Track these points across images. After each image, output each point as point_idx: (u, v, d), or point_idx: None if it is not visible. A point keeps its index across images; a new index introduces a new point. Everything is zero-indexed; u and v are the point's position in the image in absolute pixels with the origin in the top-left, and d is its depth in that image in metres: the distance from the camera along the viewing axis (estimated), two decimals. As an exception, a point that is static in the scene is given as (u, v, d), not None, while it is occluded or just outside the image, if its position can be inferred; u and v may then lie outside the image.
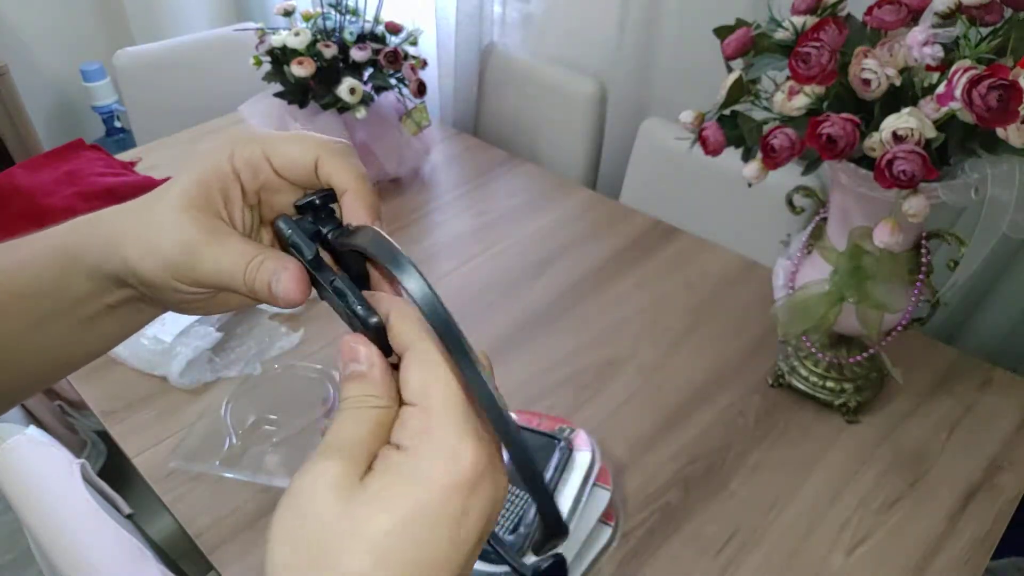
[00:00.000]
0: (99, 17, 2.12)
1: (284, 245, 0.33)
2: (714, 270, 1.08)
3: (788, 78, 0.65)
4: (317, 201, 0.33)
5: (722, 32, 0.71)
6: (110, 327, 0.36)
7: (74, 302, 0.34)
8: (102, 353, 0.38)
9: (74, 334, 0.35)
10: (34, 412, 1.03)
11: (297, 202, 0.33)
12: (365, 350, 0.28)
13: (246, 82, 1.29)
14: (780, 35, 0.68)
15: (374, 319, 0.29)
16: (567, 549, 0.67)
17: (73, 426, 1.09)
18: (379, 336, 0.29)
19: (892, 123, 0.59)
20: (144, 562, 0.64)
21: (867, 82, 0.61)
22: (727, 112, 0.72)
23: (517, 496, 0.70)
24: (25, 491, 0.66)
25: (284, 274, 0.31)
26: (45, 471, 0.69)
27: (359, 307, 0.30)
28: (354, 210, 0.32)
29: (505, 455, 0.29)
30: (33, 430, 0.71)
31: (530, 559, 0.39)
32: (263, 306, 0.99)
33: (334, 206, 0.33)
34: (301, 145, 0.33)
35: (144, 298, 0.35)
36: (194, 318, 0.92)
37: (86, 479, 0.71)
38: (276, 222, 0.34)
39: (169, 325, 0.92)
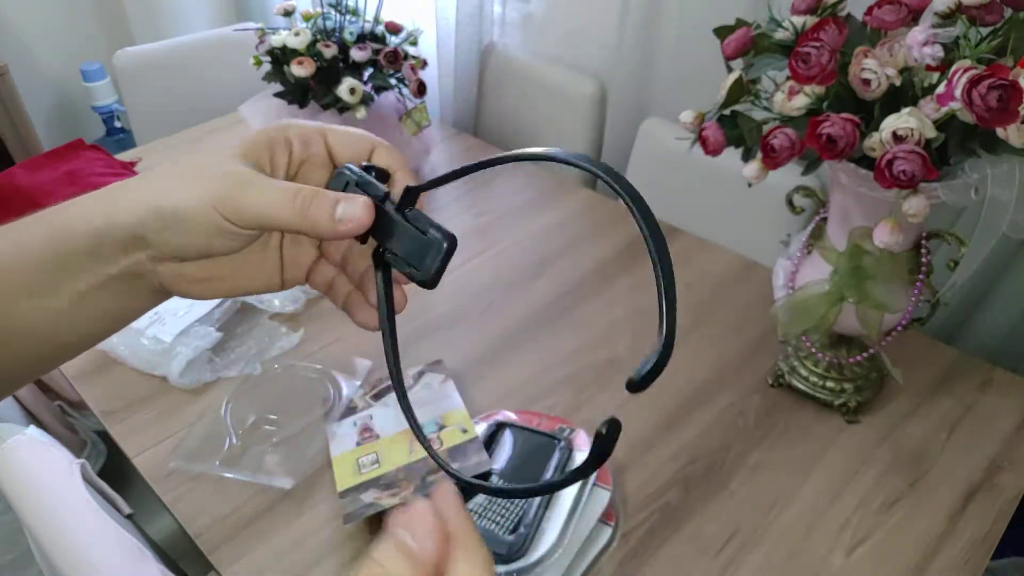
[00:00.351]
0: (99, 17, 2.13)
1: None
2: (714, 270, 1.08)
3: (788, 78, 0.65)
4: (374, 172, 0.36)
5: (722, 32, 0.72)
6: (103, 306, 0.35)
7: (67, 272, 0.33)
8: (94, 341, 0.37)
9: (65, 313, 0.34)
10: (34, 412, 1.03)
11: (362, 164, 0.36)
12: (423, 524, 0.28)
13: (246, 82, 1.29)
14: (780, 35, 0.68)
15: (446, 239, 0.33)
16: (566, 550, 0.67)
17: (73, 426, 1.09)
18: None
19: (892, 123, 0.59)
20: (144, 562, 0.64)
21: (867, 82, 0.61)
22: (727, 112, 0.72)
23: (517, 496, 0.70)
24: (25, 491, 0.66)
25: (356, 201, 0.33)
26: (45, 471, 0.69)
27: (431, 228, 0.34)
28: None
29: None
30: (33, 430, 0.71)
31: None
32: (263, 306, 0.99)
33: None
34: (360, 134, 0.37)
35: (148, 270, 0.34)
36: (194, 318, 0.92)
37: (86, 479, 0.71)
38: (339, 169, 0.36)
39: (169, 325, 0.92)
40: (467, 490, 0.40)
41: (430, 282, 0.34)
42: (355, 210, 0.33)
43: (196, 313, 0.93)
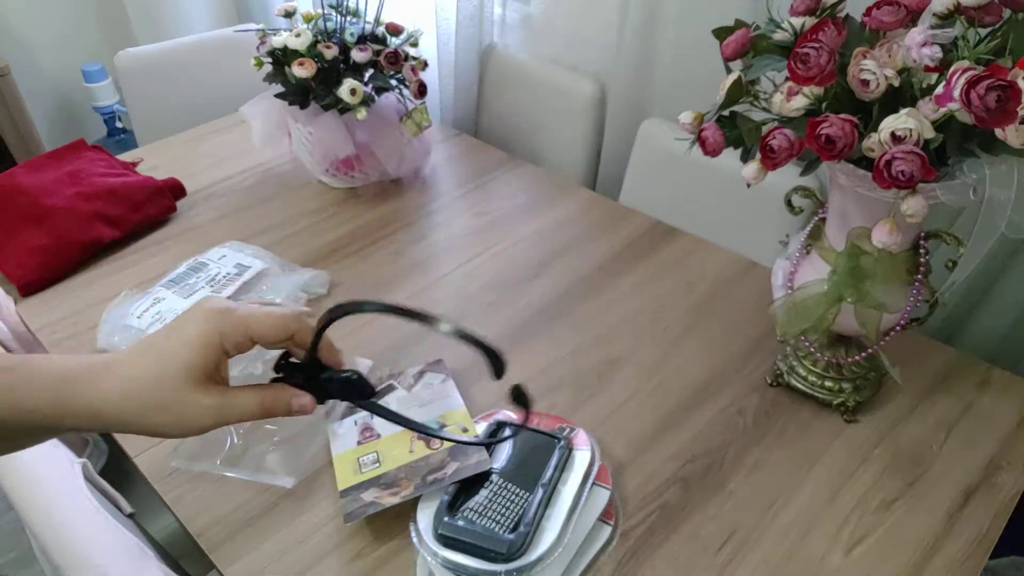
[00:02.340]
0: (100, 18, 2.13)
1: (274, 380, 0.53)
2: (713, 270, 1.08)
3: (787, 79, 0.65)
4: (289, 359, 0.54)
5: (721, 33, 0.72)
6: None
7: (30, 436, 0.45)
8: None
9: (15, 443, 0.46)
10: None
11: (281, 359, 0.53)
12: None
13: (247, 83, 1.30)
14: (779, 36, 0.68)
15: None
16: (567, 548, 0.67)
17: (74, 426, 1.09)
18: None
19: (891, 124, 0.59)
20: (144, 560, 0.64)
21: (866, 83, 0.62)
22: (726, 113, 0.72)
23: (517, 495, 0.70)
24: (27, 490, 0.66)
25: (304, 397, 0.51)
26: (46, 470, 0.69)
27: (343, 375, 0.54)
28: (331, 353, 0.53)
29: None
30: None
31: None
32: None
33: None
34: (281, 323, 0.49)
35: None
36: None
37: (87, 478, 0.71)
38: (277, 372, 0.53)
39: None
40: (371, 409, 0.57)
41: (372, 393, 0.54)
42: (304, 403, 0.51)
43: None
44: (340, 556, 0.72)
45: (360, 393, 0.54)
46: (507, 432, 0.77)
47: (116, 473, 0.93)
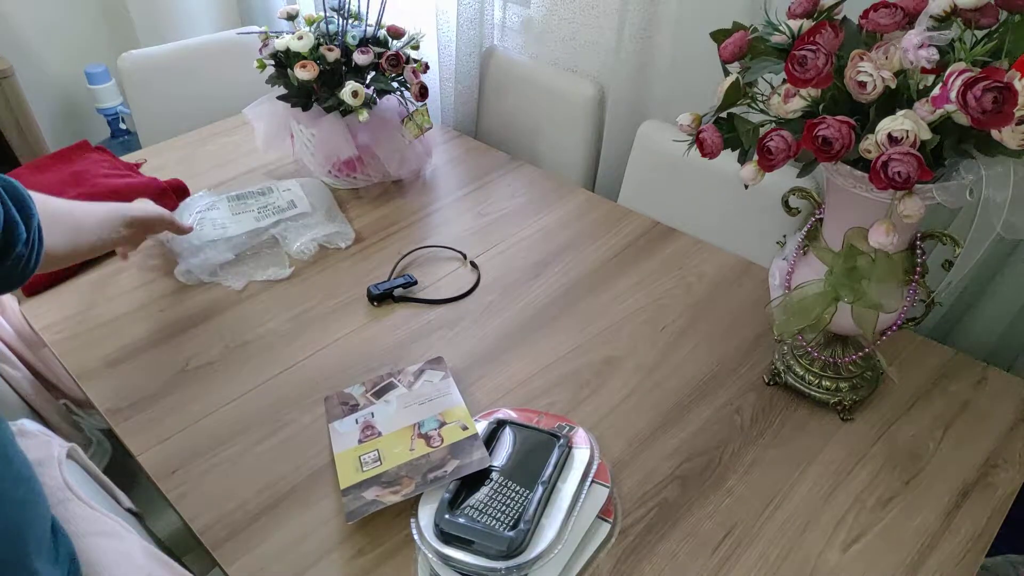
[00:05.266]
0: (104, 20, 2.14)
1: None
2: (711, 270, 1.09)
3: (784, 81, 0.66)
4: None
5: (719, 36, 0.72)
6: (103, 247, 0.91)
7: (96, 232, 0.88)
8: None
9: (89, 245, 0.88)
10: (40, 411, 1.04)
11: None
12: None
13: (250, 85, 1.30)
14: (776, 38, 0.69)
15: None
16: (567, 545, 0.68)
17: (79, 424, 1.10)
18: None
19: (887, 125, 0.60)
20: (128, 536, 0.64)
21: (863, 85, 0.62)
22: (724, 115, 0.73)
23: (517, 492, 0.71)
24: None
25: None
26: (36, 459, 0.69)
27: None
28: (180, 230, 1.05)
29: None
30: (25, 421, 0.71)
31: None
32: (283, 245, 1.13)
33: None
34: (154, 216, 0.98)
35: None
36: (238, 232, 1.13)
37: (81, 465, 0.71)
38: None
39: (226, 227, 1.12)
40: None
41: None
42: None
43: (236, 230, 1.12)
44: (342, 553, 0.73)
45: None
46: (506, 431, 0.78)
47: (120, 472, 0.94)
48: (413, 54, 1.22)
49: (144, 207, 0.97)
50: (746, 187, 0.72)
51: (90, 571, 0.61)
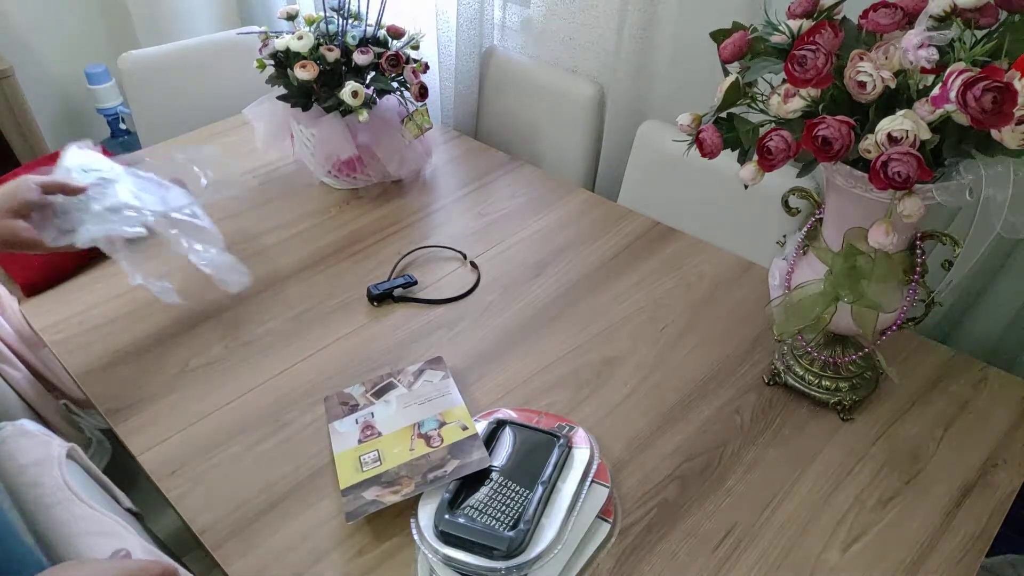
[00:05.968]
0: (104, 20, 2.14)
1: None
2: (711, 270, 1.09)
3: (784, 81, 0.66)
4: None
5: (719, 36, 0.72)
6: None
7: None
8: None
9: None
10: (40, 411, 1.04)
11: None
12: None
13: (250, 85, 1.30)
14: (776, 39, 0.69)
15: None
16: (567, 545, 0.68)
17: (78, 424, 1.10)
18: None
19: (887, 125, 0.60)
20: (128, 536, 0.64)
21: (863, 85, 0.62)
22: (724, 115, 0.73)
23: (517, 492, 0.71)
24: (15, 480, 0.67)
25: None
26: (34, 460, 0.69)
27: None
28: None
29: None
30: (25, 421, 0.72)
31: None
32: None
33: None
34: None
35: None
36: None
37: (81, 465, 0.71)
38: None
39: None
40: None
41: None
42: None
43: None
44: (342, 554, 0.73)
45: None
46: (506, 431, 0.78)
47: (120, 472, 0.94)
48: (413, 54, 1.22)
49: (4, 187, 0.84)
50: (746, 187, 0.72)
51: None
